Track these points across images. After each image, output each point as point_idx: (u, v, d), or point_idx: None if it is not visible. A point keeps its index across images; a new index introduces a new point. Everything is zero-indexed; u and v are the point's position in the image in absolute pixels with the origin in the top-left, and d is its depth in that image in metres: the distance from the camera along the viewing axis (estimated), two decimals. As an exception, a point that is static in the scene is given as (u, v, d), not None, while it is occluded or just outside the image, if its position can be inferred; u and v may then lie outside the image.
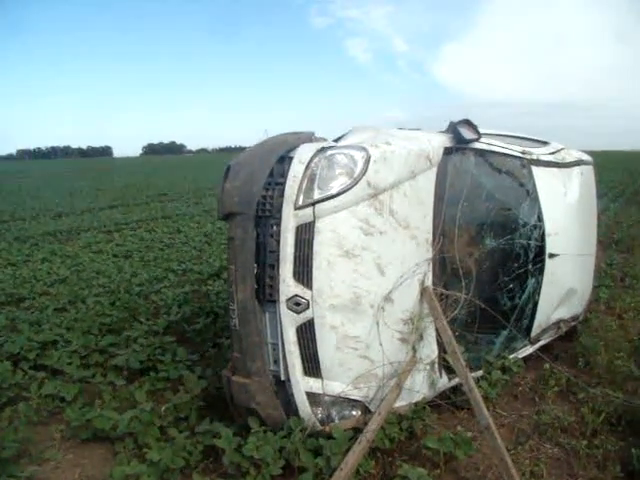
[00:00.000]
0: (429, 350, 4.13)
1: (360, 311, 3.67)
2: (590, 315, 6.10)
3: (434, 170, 4.09)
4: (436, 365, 4.19)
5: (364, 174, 3.58)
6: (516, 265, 4.77)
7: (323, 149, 3.67)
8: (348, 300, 3.62)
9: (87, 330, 5.75)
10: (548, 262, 4.93)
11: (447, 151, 4.22)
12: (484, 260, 4.58)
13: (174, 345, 5.31)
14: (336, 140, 3.98)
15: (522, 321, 4.94)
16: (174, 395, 4.36)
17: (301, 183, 3.55)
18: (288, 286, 3.56)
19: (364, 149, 3.66)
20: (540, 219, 4.90)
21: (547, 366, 4.89)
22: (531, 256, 4.84)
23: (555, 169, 5.26)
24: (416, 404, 4.02)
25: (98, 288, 7.71)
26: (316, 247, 3.53)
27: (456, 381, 4.27)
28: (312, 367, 3.66)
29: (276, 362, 3.74)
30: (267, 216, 3.64)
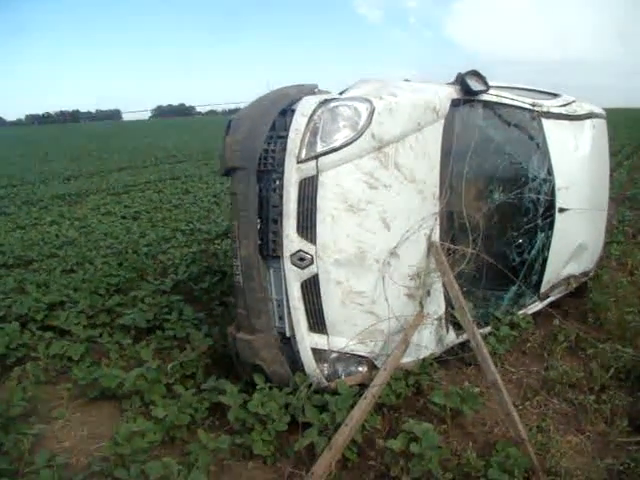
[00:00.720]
0: (436, 306, 4.09)
1: (365, 266, 3.61)
2: (601, 271, 6.00)
3: (441, 122, 3.98)
4: (444, 321, 4.16)
5: (368, 126, 3.48)
6: (525, 220, 4.68)
7: (326, 101, 3.57)
8: (353, 255, 3.56)
9: (94, 291, 5.73)
10: (558, 217, 4.83)
11: (455, 103, 4.11)
12: (492, 215, 4.49)
13: (181, 304, 5.28)
14: (341, 93, 3.88)
15: (531, 277, 4.87)
16: (181, 353, 4.35)
17: (304, 136, 3.46)
18: (292, 241, 3.50)
19: (368, 101, 3.55)
20: (550, 173, 4.78)
21: (557, 322, 4.84)
22: (541, 210, 4.74)
23: (566, 121, 5.11)
24: (423, 360, 3.99)
25: (106, 249, 7.69)
26: (319, 201, 3.46)
27: (464, 337, 4.24)
28: (317, 323, 3.63)
29: (281, 318, 3.71)
30: (269, 170, 3.56)
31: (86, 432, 3.82)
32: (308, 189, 3.47)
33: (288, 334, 3.68)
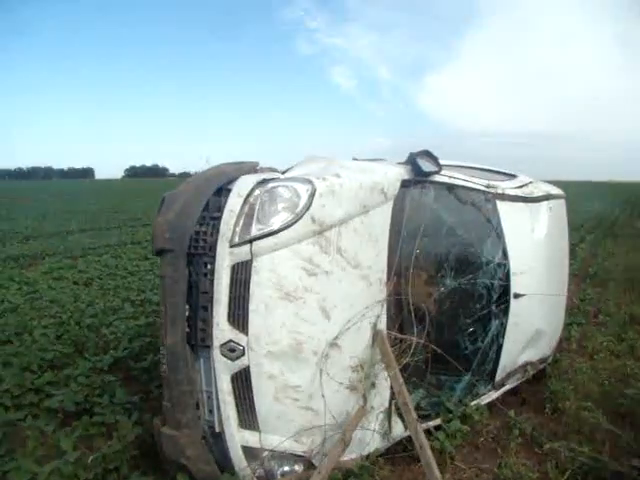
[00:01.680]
0: (382, 398, 3.83)
1: (302, 359, 3.35)
2: (560, 356, 5.82)
3: (389, 204, 3.82)
4: (390, 413, 3.89)
5: (308, 209, 3.29)
6: (478, 306, 4.47)
7: (264, 181, 3.39)
8: (288, 347, 3.30)
9: (26, 366, 5.34)
10: (513, 302, 4.63)
11: (405, 184, 3.96)
12: (444, 301, 4.28)
13: (115, 385, 4.93)
14: (284, 172, 3.71)
15: (485, 365, 4.62)
16: (105, 443, 3.99)
17: (238, 218, 3.26)
18: (222, 330, 3.25)
19: (309, 182, 3.37)
20: (505, 257, 4.60)
21: (512, 413, 4.59)
22: (495, 296, 4.53)
23: (522, 204, 4.98)
24: (368, 456, 3.72)
25: (49, 319, 7.25)
26: (253, 288, 3.22)
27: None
28: (249, 419, 3.34)
29: (211, 412, 3.42)
30: (200, 254, 3.33)
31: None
32: (241, 275, 3.24)
33: (217, 429, 3.39)
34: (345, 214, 3.47)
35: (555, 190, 5.69)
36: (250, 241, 3.22)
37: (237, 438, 3.33)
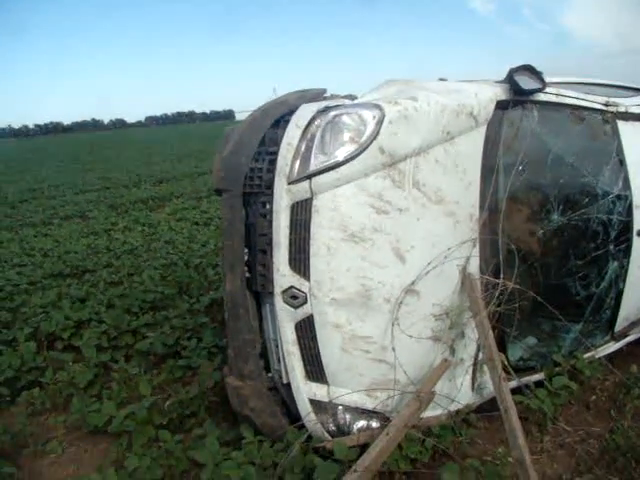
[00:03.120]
0: (473, 348, 3.41)
1: (371, 306, 3.00)
2: None
3: (482, 130, 3.30)
4: (484, 366, 3.47)
5: (374, 138, 2.86)
6: (593, 245, 3.82)
7: (326, 109, 3.00)
8: (355, 293, 2.96)
9: (127, 308, 5.43)
10: (637, 241, 3.96)
11: (502, 105, 3.40)
12: (550, 240, 3.72)
13: (206, 327, 4.86)
14: (354, 99, 3.30)
15: (602, 313, 4.02)
16: (184, 388, 3.92)
17: (296, 151, 2.91)
18: (283, 276, 2.96)
19: (377, 107, 2.93)
20: (627, 188, 3.90)
21: (634, 369, 4.00)
22: (613, 234, 3.87)
23: None
24: (457, 412, 3.35)
25: (161, 260, 7.41)
26: (314, 230, 2.89)
27: (514, 384, 3.56)
28: (315, 371, 3.07)
29: (280, 361, 3.19)
30: (257, 192, 3.05)
31: (73, 471, 3.48)
32: (301, 215, 2.91)
33: (285, 380, 3.16)
34: (423, 142, 3.01)
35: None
36: (309, 177, 2.87)
37: (303, 391, 3.08)
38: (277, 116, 3.09)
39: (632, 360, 4.18)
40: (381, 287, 2.99)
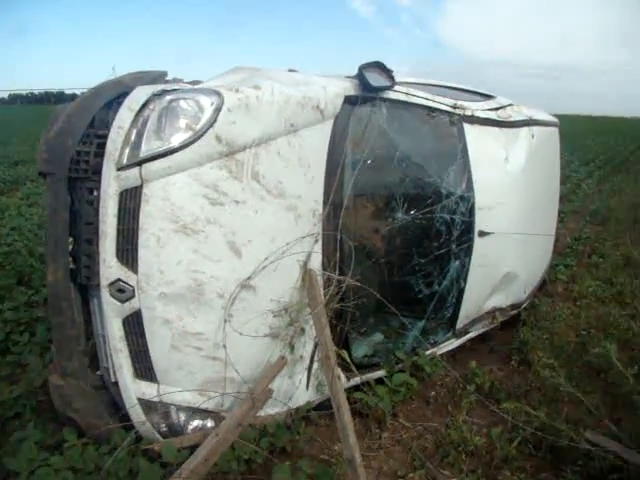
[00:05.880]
0: (313, 345, 3.37)
1: (204, 302, 2.87)
2: (541, 301, 5.32)
3: (328, 124, 3.28)
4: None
5: (211, 125, 2.75)
6: (435, 244, 3.91)
7: (163, 92, 2.84)
8: (186, 288, 2.82)
9: (-43, 301, 4.95)
10: (478, 241, 4.08)
11: (351, 101, 3.40)
12: (394, 238, 3.77)
13: (40, 322, 4.51)
14: (196, 83, 3.16)
15: (443, 311, 4.12)
16: (9, 387, 3.59)
17: (127, 136, 2.72)
18: (109, 267, 2.76)
19: (216, 93, 2.81)
20: (470, 189, 4.02)
21: (473, 364, 4.13)
22: (456, 234, 3.97)
23: (495, 128, 4.36)
24: (297, 410, 3.30)
25: (3, 247, 6.85)
26: (143, 219, 2.72)
27: (356, 380, 3.58)
28: (144, 369, 2.89)
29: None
30: (83, 177, 2.82)
31: None
32: (130, 203, 2.72)
33: (113, 379, 2.96)
34: (264, 133, 2.93)
35: (542, 116, 5.08)
36: (140, 163, 2.70)
37: (132, 389, 2.90)
38: (110, 97, 2.89)
39: (473, 356, 4.32)
40: (214, 282, 2.88)
